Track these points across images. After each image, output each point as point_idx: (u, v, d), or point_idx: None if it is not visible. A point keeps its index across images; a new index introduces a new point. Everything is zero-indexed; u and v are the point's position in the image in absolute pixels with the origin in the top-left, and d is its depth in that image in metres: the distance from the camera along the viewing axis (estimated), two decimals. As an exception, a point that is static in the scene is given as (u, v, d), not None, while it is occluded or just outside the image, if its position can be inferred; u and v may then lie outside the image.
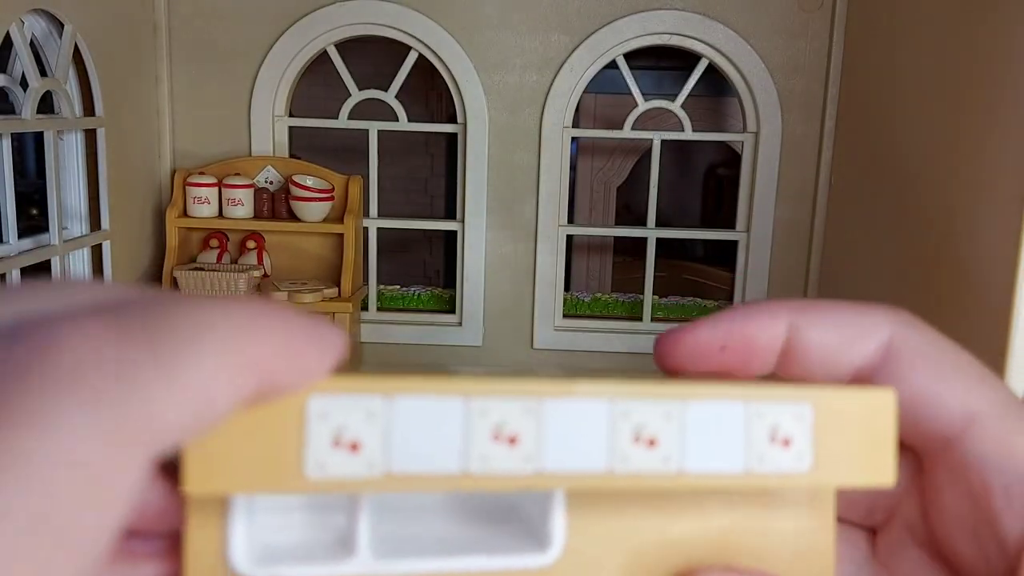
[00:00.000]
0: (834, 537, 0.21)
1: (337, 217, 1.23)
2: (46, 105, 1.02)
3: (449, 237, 1.59)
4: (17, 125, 0.95)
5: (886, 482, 0.19)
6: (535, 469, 0.17)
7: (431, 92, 1.69)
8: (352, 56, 1.29)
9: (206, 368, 0.14)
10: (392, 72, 1.26)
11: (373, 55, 1.42)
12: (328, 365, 0.16)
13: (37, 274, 1.06)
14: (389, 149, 1.50)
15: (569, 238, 1.40)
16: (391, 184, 1.70)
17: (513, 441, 0.17)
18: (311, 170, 1.25)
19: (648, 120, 1.30)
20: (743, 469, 0.18)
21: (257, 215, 1.24)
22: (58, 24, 1.01)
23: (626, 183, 1.63)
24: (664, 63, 1.48)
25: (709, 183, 1.84)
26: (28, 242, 1.01)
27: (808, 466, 0.18)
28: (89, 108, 1.09)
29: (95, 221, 1.12)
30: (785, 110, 1.24)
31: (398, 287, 1.36)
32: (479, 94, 1.25)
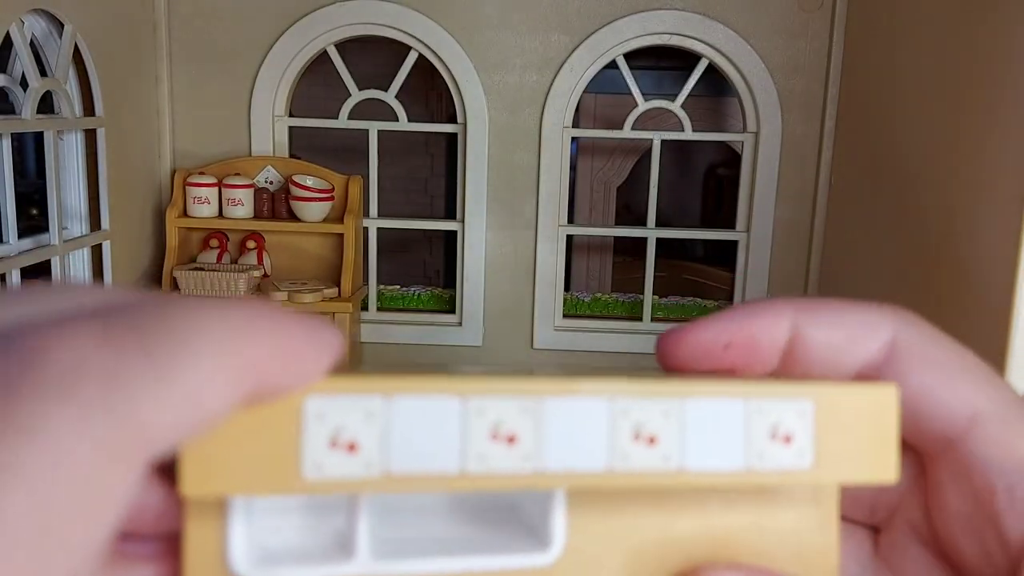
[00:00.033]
0: (838, 535, 0.20)
1: (337, 217, 1.23)
2: (46, 105, 1.02)
3: (449, 237, 1.59)
4: (17, 125, 0.95)
5: (888, 479, 0.19)
6: (534, 468, 0.17)
7: (431, 92, 1.69)
8: (352, 56, 1.29)
9: (203, 370, 0.14)
10: (392, 72, 1.26)
11: (373, 55, 1.42)
12: (325, 365, 0.16)
13: (37, 274, 1.06)
14: (389, 149, 1.50)
15: (569, 238, 1.40)
16: (391, 184, 1.70)
17: (511, 440, 0.17)
18: (311, 170, 1.25)
19: (648, 120, 1.30)
20: (744, 467, 0.18)
21: (257, 215, 1.23)
22: (58, 24, 1.01)
23: (626, 183, 1.63)
24: (664, 63, 1.48)
25: (709, 183, 1.84)
26: (28, 242, 1.01)
27: (809, 463, 0.18)
28: (89, 108, 1.09)
29: (95, 221, 1.12)
30: (785, 110, 1.24)
31: (398, 287, 1.36)
32: (479, 94, 1.25)
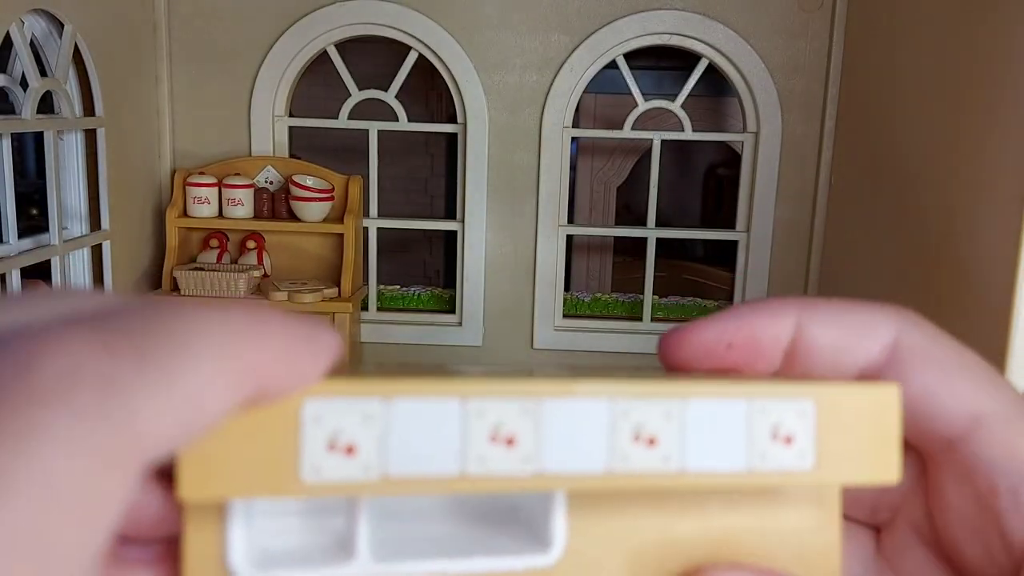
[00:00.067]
0: (840, 535, 0.20)
1: (337, 217, 1.23)
2: (46, 105, 1.02)
3: (449, 237, 1.58)
4: (17, 125, 0.95)
5: (890, 479, 0.19)
6: (534, 470, 0.17)
7: (431, 92, 1.69)
8: (352, 56, 1.29)
9: (202, 373, 0.14)
10: (392, 72, 1.26)
11: (373, 55, 1.42)
12: (323, 368, 0.16)
13: (37, 274, 1.06)
14: (389, 149, 1.50)
15: (569, 238, 1.40)
16: (391, 184, 1.69)
17: (511, 442, 0.16)
18: (311, 170, 1.25)
19: (648, 120, 1.30)
20: (745, 468, 0.18)
21: (257, 215, 1.23)
22: (58, 24, 1.01)
23: (626, 183, 1.63)
24: (664, 63, 1.48)
25: (709, 183, 1.84)
26: (28, 242, 1.01)
27: (811, 464, 0.18)
28: (89, 108, 1.09)
29: (95, 221, 1.11)
30: (785, 110, 1.24)
31: (398, 287, 1.36)
32: (479, 94, 1.24)
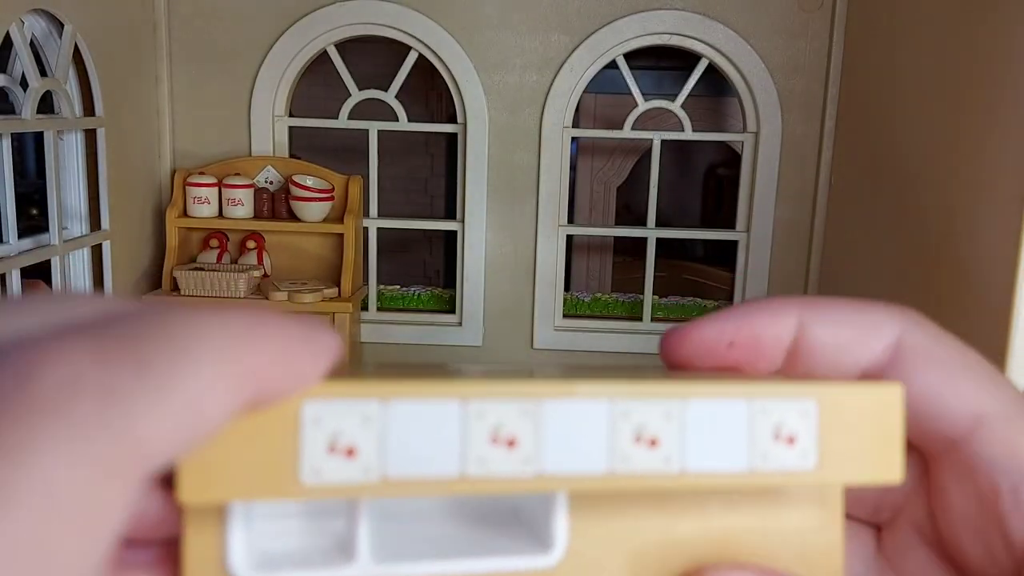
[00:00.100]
0: (842, 535, 0.20)
1: (337, 217, 1.23)
2: (46, 105, 1.02)
3: (449, 237, 1.58)
4: (17, 125, 0.95)
5: (893, 479, 0.19)
6: (534, 471, 0.17)
7: (431, 92, 1.69)
8: (352, 56, 1.29)
9: (202, 378, 0.14)
10: (392, 72, 1.26)
11: (373, 55, 1.42)
12: (322, 369, 0.16)
13: (37, 274, 1.06)
14: (389, 149, 1.50)
15: (569, 238, 1.40)
16: (391, 184, 1.69)
17: (511, 443, 0.16)
18: (311, 170, 1.25)
19: (648, 120, 1.30)
20: (747, 468, 0.18)
21: (257, 215, 1.23)
22: (58, 24, 1.01)
23: (626, 183, 1.63)
24: (664, 63, 1.48)
25: (709, 183, 1.84)
26: (28, 242, 1.01)
27: (813, 464, 0.18)
28: (89, 108, 1.09)
29: (95, 221, 1.11)
30: (785, 110, 1.24)
31: (398, 287, 1.36)
32: (479, 94, 1.24)
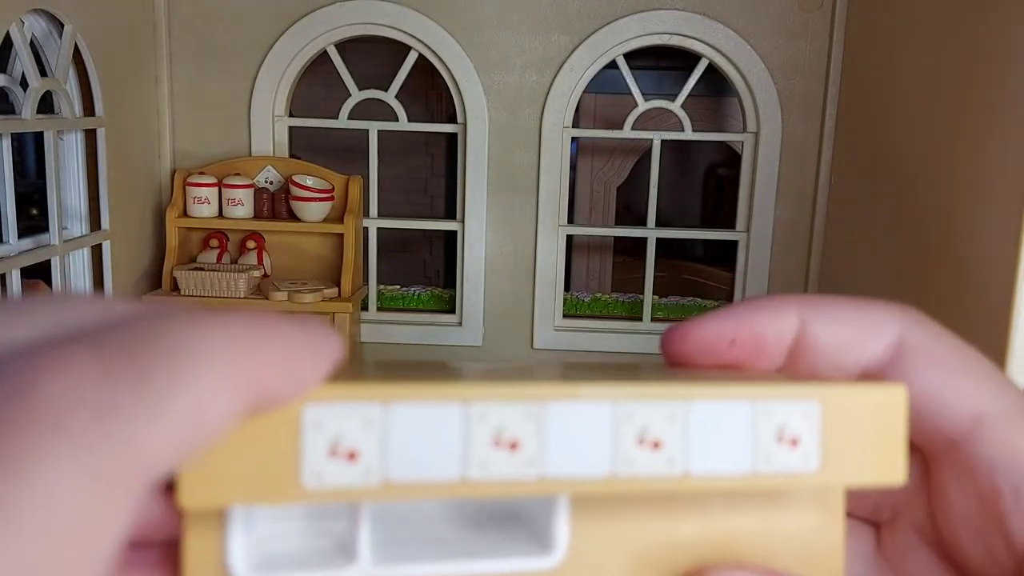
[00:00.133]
0: (843, 536, 0.20)
1: (337, 217, 1.23)
2: (46, 105, 1.02)
3: (449, 237, 1.58)
4: (17, 125, 0.95)
5: (896, 480, 0.19)
6: (537, 475, 0.16)
7: (431, 92, 1.69)
8: (352, 56, 1.29)
9: (203, 385, 0.14)
10: (392, 72, 1.26)
11: (373, 55, 1.42)
12: (324, 372, 0.16)
13: (37, 274, 1.06)
14: (389, 149, 1.50)
15: (569, 238, 1.40)
16: (391, 184, 1.69)
17: (514, 446, 0.16)
18: (311, 170, 1.25)
19: (648, 120, 1.30)
20: (750, 470, 0.18)
21: (257, 215, 1.23)
22: (58, 24, 1.01)
23: (626, 183, 1.63)
24: (664, 63, 1.48)
25: (709, 183, 1.84)
26: (28, 242, 1.01)
27: (816, 466, 0.18)
28: (89, 108, 1.09)
29: (95, 221, 1.11)
30: (785, 110, 1.24)
31: (398, 287, 1.36)
32: (479, 94, 1.24)
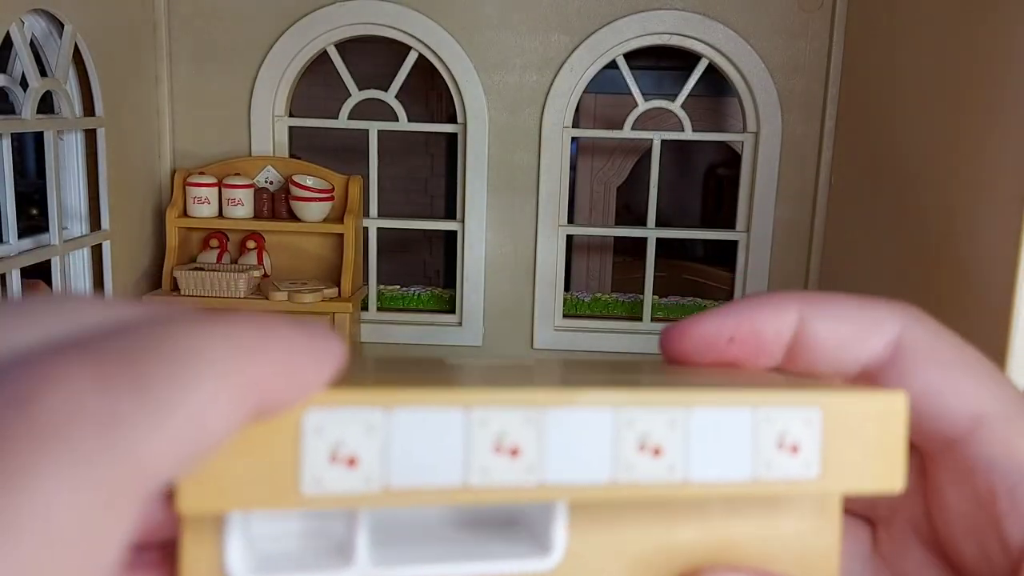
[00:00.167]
0: (839, 540, 0.20)
1: (337, 217, 1.23)
2: (46, 105, 1.01)
3: (449, 237, 1.58)
4: (17, 125, 0.95)
5: (895, 487, 0.19)
6: (538, 481, 0.16)
7: (431, 92, 1.69)
8: (352, 56, 1.29)
9: (205, 393, 0.14)
10: (392, 72, 1.26)
11: (373, 55, 1.42)
12: (326, 377, 0.16)
13: (37, 274, 1.06)
14: (389, 149, 1.50)
15: (569, 238, 1.40)
16: (391, 184, 1.69)
17: (515, 453, 0.16)
18: (311, 170, 1.25)
19: (648, 120, 1.30)
20: (750, 477, 0.18)
21: (257, 215, 1.23)
22: (58, 24, 1.01)
23: (626, 183, 1.63)
24: (664, 63, 1.48)
25: (709, 183, 1.84)
26: (28, 242, 1.01)
27: (816, 472, 0.18)
28: (89, 108, 1.09)
29: (95, 221, 1.11)
30: (785, 110, 1.24)
31: (398, 287, 1.36)
32: (479, 94, 1.24)
